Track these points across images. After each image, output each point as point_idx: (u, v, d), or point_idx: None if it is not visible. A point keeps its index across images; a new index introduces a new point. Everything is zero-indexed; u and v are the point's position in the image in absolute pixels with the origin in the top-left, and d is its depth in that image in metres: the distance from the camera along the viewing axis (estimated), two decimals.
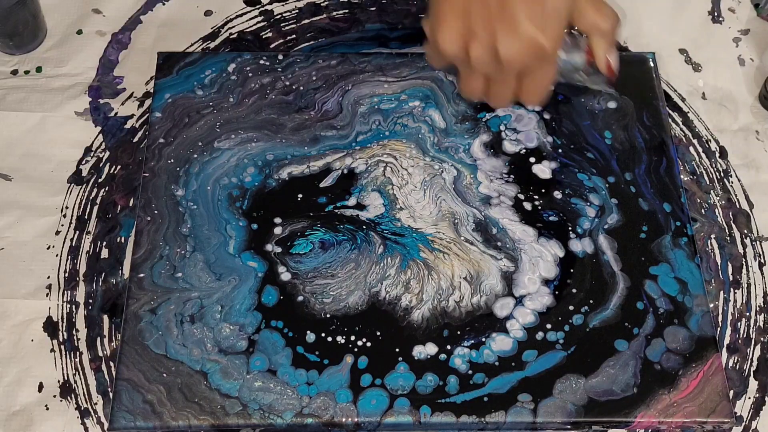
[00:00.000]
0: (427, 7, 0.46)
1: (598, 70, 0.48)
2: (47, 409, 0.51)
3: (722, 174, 0.61)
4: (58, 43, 0.64)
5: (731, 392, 0.52)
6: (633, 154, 0.58)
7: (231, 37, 0.65)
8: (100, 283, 0.55)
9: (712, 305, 0.55)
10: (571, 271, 0.53)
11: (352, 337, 0.50)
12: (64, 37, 0.64)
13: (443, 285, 0.52)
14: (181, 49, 0.64)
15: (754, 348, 0.54)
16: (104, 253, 0.56)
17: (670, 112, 0.63)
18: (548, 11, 0.43)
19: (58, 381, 0.52)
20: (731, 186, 0.60)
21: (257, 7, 0.66)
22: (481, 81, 0.47)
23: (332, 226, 0.54)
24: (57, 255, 0.55)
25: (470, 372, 0.49)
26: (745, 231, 0.58)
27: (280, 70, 0.60)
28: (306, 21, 0.66)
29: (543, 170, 0.57)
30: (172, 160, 0.56)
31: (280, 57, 0.61)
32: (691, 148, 0.61)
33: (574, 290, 0.52)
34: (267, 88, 0.59)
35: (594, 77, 0.49)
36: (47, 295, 0.54)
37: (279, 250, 0.53)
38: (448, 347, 0.50)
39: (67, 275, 0.55)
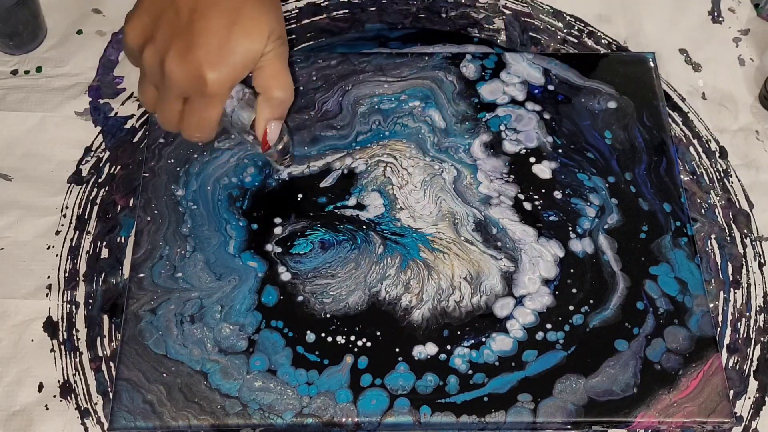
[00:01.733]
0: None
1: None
2: (47, 409, 0.51)
3: (722, 174, 0.61)
4: (58, 43, 0.64)
5: (731, 392, 0.52)
6: (633, 154, 0.58)
7: None
8: (100, 283, 0.55)
9: (712, 305, 0.55)
10: (571, 271, 0.53)
11: (352, 337, 0.50)
12: (64, 37, 0.64)
13: (443, 285, 0.52)
14: None
15: (754, 348, 0.54)
16: (104, 253, 0.56)
17: (670, 112, 0.63)
18: (229, 50, 0.41)
19: (58, 381, 0.52)
20: (731, 186, 0.60)
21: None
22: (152, 91, 0.44)
23: (332, 226, 0.54)
24: (57, 255, 0.55)
25: (470, 372, 0.49)
26: (745, 231, 0.58)
27: None
28: (306, 21, 0.66)
29: (543, 170, 0.57)
30: (172, 160, 0.56)
31: None
32: (691, 148, 0.61)
33: (574, 290, 0.52)
34: None
35: (257, 142, 0.47)
36: (47, 295, 0.54)
37: (279, 250, 0.53)
38: (448, 347, 0.50)
39: (67, 275, 0.55)
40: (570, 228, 0.54)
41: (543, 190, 0.56)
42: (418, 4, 0.67)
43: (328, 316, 0.51)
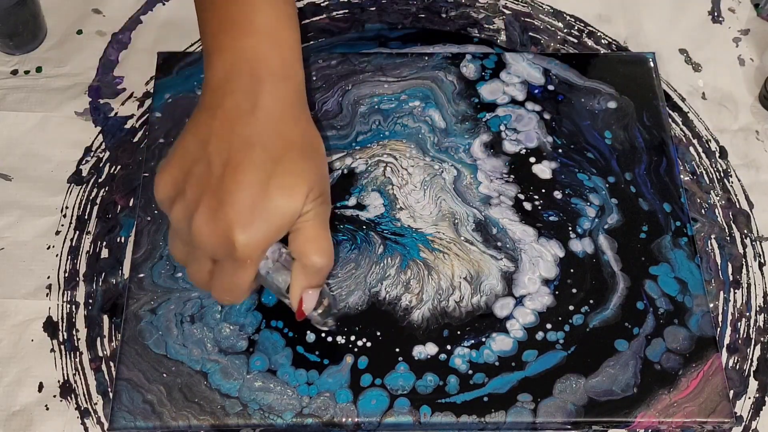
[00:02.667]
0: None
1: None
2: (47, 409, 0.51)
3: (722, 174, 0.61)
4: (58, 43, 0.64)
5: (731, 392, 0.52)
6: (633, 154, 0.58)
7: None
8: (100, 283, 0.54)
9: (712, 305, 0.55)
10: (571, 271, 0.53)
11: (352, 337, 0.50)
12: (64, 37, 0.64)
13: (443, 285, 0.52)
14: (181, 49, 0.64)
15: (754, 348, 0.54)
16: (104, 253, 0.56)
17: (670, 112, 0.63)
18: (262, 209, 0.37)
19: (58, 381, 0.52)
20: (731, 186, 0.60)
21: None
22: (182, 247, 0.40)
23: (332, 226, 0.54)
24: (57, 255, 0.55)
25: (470, 372, 0.49)
26: (745, 231, 0.58)
27: None
28: (306, 21, 0.66)
29: (543, 170, 0.57)
30: None
31: None
32: (691, 148, 0.61)
33: (574, 290, 0.52)
34: None
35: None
36: (47, 295, 0.54)
37: None
38: (448, 347, 0.50)
39: (67, 275, 0.55)
40: (570, 228, 0.54)
41: (543, 190, 0.56)
42: (418, 4, 0.67)
43: None
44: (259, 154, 0.37)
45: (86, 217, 0.57)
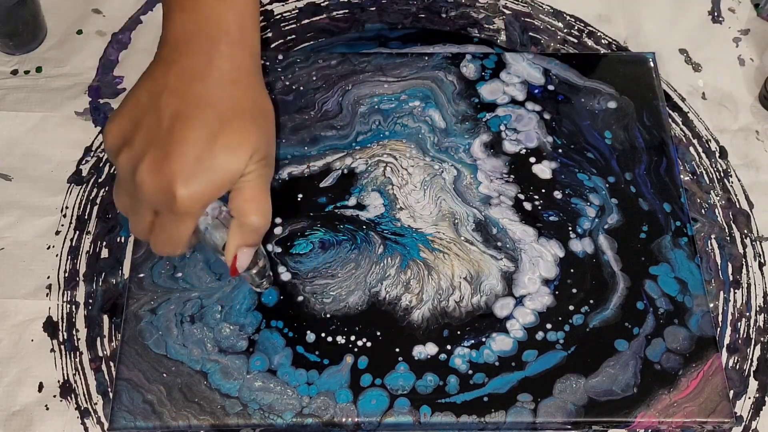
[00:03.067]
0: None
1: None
2: (47, 409, 0.51)
3: (722, 174, 0.61)
4: (58, 43, 0.64)
5: (731, 392, 0.52)
6: (633, 154, 0.58)
7: None
8: (100, 283, 0.55)
9: (712, 305, 0.55)
10: (571, 271, 0.53)
11: (352, 337, 0.50)
12: (64, 37, 0.64)
13: (443, 285, 0.52)
14: None
15: (754, 348, 0.54)
16: (104, 253, 0.56)
17: (670, 112, 0.63)
18: (206, 167, 0.37)
19: (58, 381, 0.52)
20: (731, 186, 0.60)
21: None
22: (126, 197, 0.40)
23: (332, 226, 0.54)
24: (57, 255, 0.55)
25: (470, 372, 0.49)
26: (745, 231, 0.58)
27: (280, 70, 0.60)
28: (306, 21, 0.66)
29: (543, 170, 0.57)
30: None
31: (280, 57, 0.61)
32: (691, 148, 0.61)
33: (574, 290, 0.52)
34: (267, 88, 0.59)
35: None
36: (47, 295, 0.54)
37: (279, 250, 0.53)
38: (448, 347, 0.50)
39: (67, 275, 0.55)
40: (570, 228, 0.54)
41: (543, 190, 0.56)
42: (418, 4, 0.67)
43: (328, 316, 0.51)
44: (209, 113, 0.38)
45: (86, 217, 0.57)
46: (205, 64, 0.39)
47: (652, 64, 0.62)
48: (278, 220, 0.54)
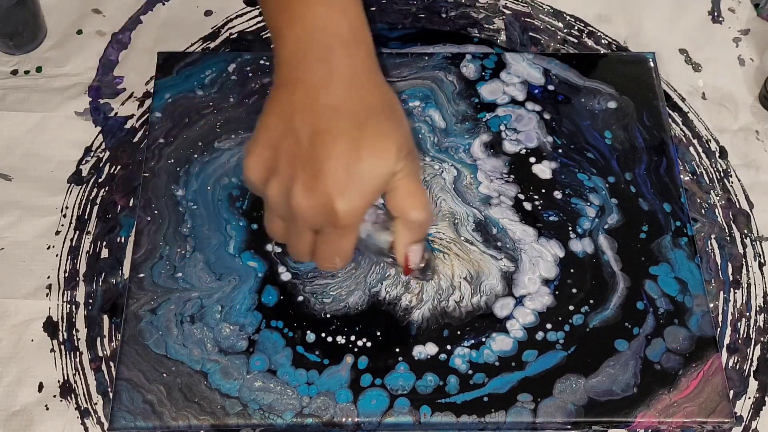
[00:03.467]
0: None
1: None
2: (47, 409, 0.51)
3: (722, 174, 0.61)
4: (58, 43, 0.64)
5: (731, 392, 0.52)
6: (633, 154, 0.58)
7: (231, 37, 0.65)
8: (100, 283, 0.54)
9: (712, 305, 0.55)
10: (571, 271, 0.53)
11: (352, 337, 0.50)
12: (64, 37, 0.64)
13: (443, 285, 0.52)
14: (181, 49, 0.64)
15: (754, 348, 0.54)
16: (104, 253, 0.56)
17: (670, 112, 0.63)
18: (357, 176, 0.37)
19: (58, 381, 0.52)
20: (731, 186, 0.60)
21: (257, 7, 0.66)
22: (280, 223, 0.41)
23: None
24: (57, 255, 0.55)
25: (470, 372, 0.49)
26: (745, 231, 0.58)
27: None
28: None
29: (543, 170, 0.57)
30: (172, 160, 0.56)
31: None
32: (691, 148, 0.61)
33: (574, 290, 0.52)
34: (267, 88, 0.59)
35: (396, 264, 0.43)
36: (47, 295, 0.54)
37: (279, 250, 0.53)
38: (448, 347, 0.50)
39: (67, 275, 0.55)
40: (570, 228, 0.54)
41: (543, 190, 0.56)
42: (418, 4, 0.67)
43: (328, 316, 0.51)
44: (344, 121, 0.38)
45: (86, 217, 0.57)
46: (326, 73, 0.39)
47: (652, 64, 0.62)
48: None
